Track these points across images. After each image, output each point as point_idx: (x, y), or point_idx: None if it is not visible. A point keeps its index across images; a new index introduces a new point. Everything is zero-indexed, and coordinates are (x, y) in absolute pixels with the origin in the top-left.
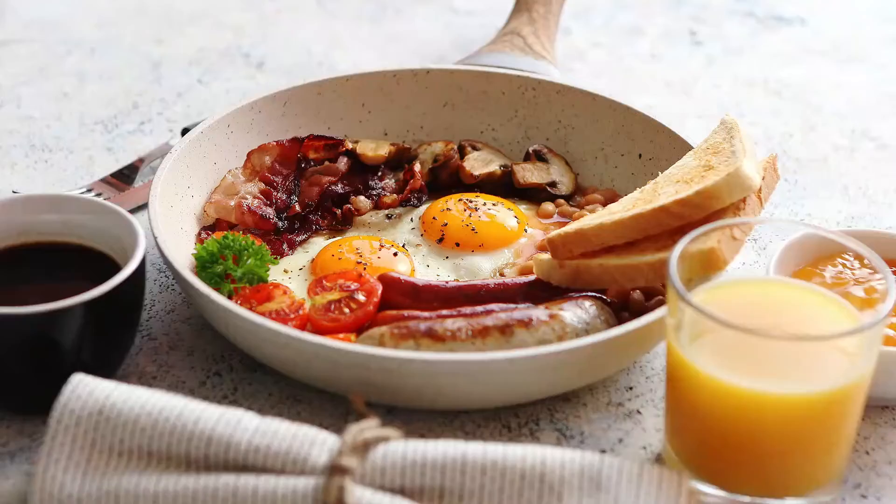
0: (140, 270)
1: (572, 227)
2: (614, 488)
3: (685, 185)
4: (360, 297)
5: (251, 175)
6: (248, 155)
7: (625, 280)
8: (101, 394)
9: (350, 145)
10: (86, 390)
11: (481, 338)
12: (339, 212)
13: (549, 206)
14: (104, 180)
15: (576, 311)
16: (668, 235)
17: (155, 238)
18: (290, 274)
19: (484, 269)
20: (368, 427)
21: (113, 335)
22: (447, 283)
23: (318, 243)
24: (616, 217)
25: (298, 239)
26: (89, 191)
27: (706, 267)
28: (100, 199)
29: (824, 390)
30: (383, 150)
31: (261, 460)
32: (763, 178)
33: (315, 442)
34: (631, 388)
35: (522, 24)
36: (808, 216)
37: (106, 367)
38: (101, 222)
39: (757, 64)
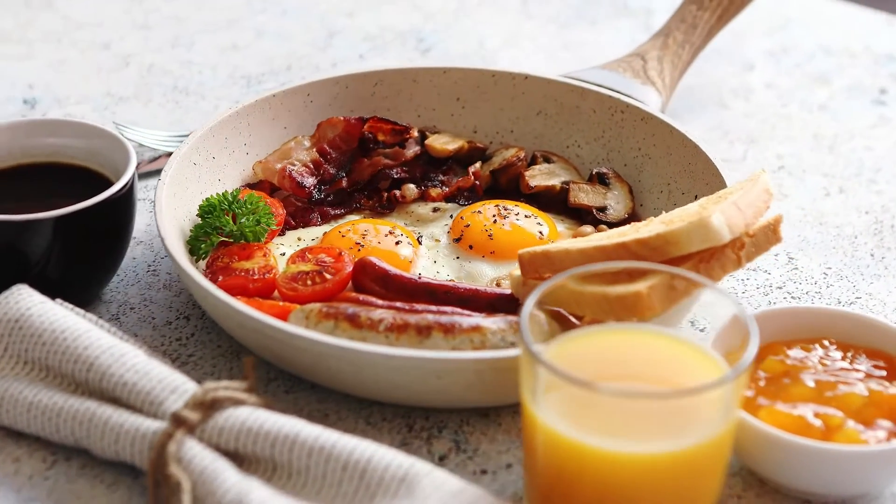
0: (121, 198)
1: (542, 247)
2: (423, 501)
3: (665, 226)
4: (328, 274)
5: (315, 145)
6: (319, 125)
7: (573, 308)
8: (24, 305)
9: (416, 134)
10: (15, 299)
11: (397, 333)
12: (386, 195)
13: (586, 230)
14: None
15: (503, 327)
16: (627, 273)
17: (158, 181)
18: (302, 242)
19: (486, 275)
20: (225, 387)
21: (86, 257)
22: (419, 277)
23: (351, 220)
24: (582, 245)
25: (333, 212)
26: (187, 135)
27: (629, 311)
28: (97, 124)
29: (663, 451)
30: (453, 145)
31: (125, 395)
32: (751, 236)
33: (176, 390)
34: None
35: (653, 47)
36: (867, 295)
37: (77, 288)
38: (106, 149)
39: None
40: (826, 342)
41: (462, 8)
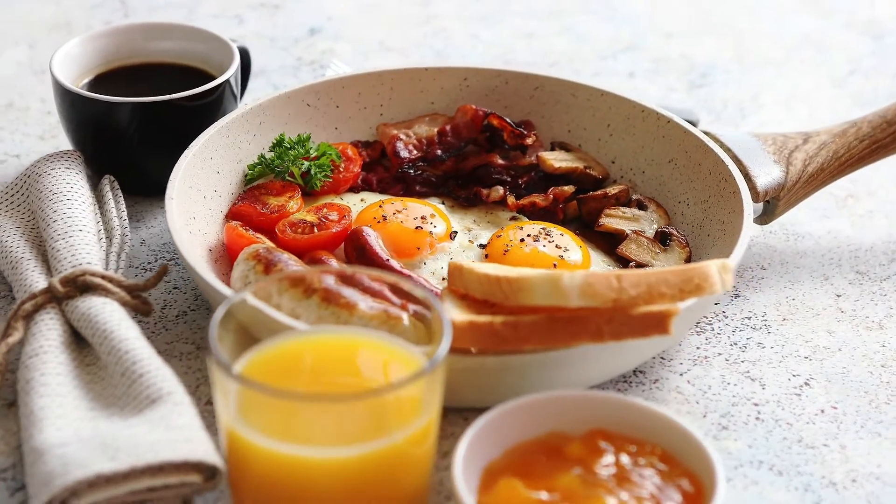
0: (207, 102)
1: (463, 262)
2: (142, 423)
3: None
4: (318, 229)
5: (442, 125)
6: (458, 109)
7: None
8: (49, 166)
9: (530, 141)
10: (51, 160)
11: (288, 285)
12: (474, 189)
13: None
14: None
15: (375, 314)
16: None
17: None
18: (362, 203)
19: None
20: (102, 276)
21: (161, 146)
22: (388, 260)
23: (429, 202)
24: (484, 270)
25: (418, 189)
26: None
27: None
28: (206, 28)
29: (337, 456)
30: (565, 164)
31: (51, 258)
32: (628, 316)
33: (80, 265)
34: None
35: (828, 132)
36: (839, 447)
37: (152, 174)
38: (216, 53)
39: None
40: (650, 448)
41: (785, 60)
